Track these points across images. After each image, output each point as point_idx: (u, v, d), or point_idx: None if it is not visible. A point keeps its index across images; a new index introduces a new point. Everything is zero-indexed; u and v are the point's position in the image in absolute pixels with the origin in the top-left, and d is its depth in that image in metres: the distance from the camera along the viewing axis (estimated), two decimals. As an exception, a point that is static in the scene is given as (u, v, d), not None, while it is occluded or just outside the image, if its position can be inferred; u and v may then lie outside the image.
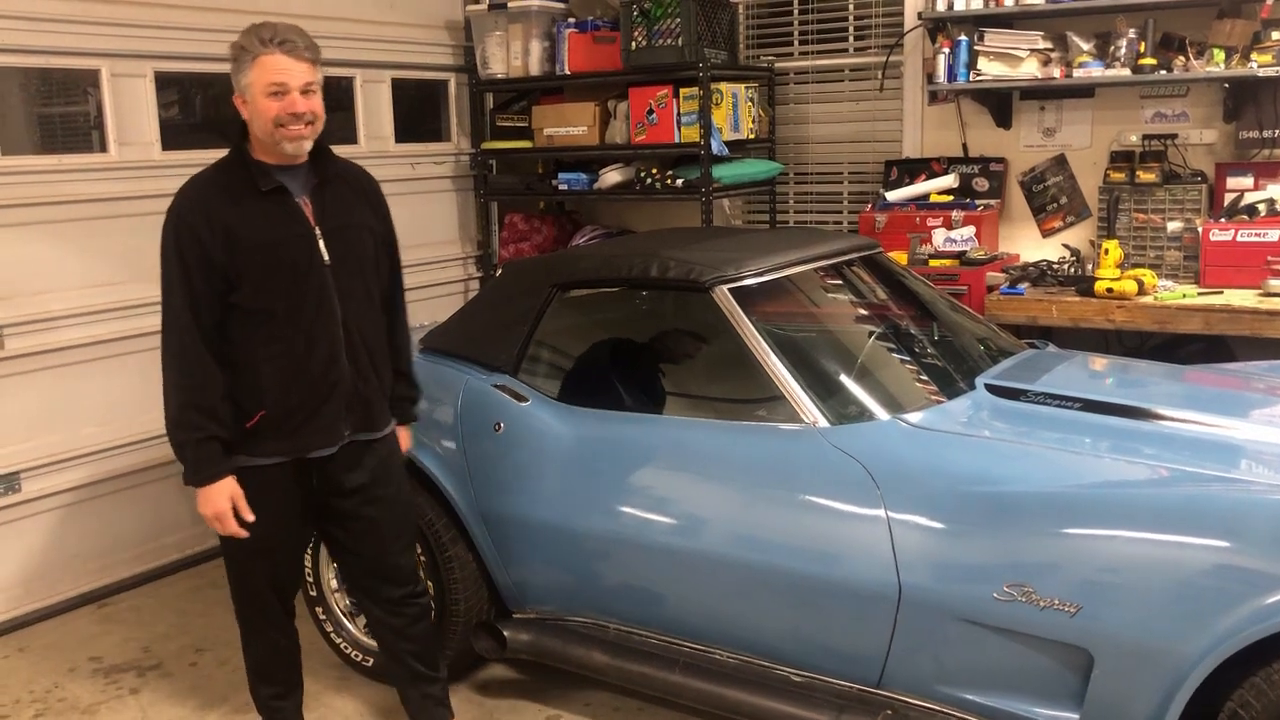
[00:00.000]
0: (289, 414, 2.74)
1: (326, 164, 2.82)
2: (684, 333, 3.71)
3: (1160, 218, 4.56)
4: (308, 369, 2.74)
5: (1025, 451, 2.78)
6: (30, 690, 3.63)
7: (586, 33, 5.36)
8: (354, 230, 2.83)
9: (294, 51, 2.65)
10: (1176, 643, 2.31)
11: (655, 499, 3.06)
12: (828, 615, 2.77)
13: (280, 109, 2.64)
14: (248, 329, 2.72)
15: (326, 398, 2.77)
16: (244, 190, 2.71)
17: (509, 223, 5.90)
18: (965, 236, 4.76)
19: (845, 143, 5.50)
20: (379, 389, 2.90)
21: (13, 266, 3.99)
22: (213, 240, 2.66)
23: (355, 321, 2.81)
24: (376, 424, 2.91)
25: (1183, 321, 4.10)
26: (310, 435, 2.78)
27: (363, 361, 2.83)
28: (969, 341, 3.58)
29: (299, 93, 2.66)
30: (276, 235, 2.71)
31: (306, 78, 2.67)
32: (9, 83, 3.99)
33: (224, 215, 2.67)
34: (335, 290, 2.76)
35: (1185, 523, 2.43)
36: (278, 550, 2.89)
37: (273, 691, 3.07)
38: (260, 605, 2.96)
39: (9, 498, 4.04)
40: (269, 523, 2.78)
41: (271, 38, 2.65)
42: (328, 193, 2.80)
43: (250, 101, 2.67)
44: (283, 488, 2.80)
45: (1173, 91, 4.65)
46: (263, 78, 2.64)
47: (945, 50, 4.74)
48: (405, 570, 3.04)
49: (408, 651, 3.09)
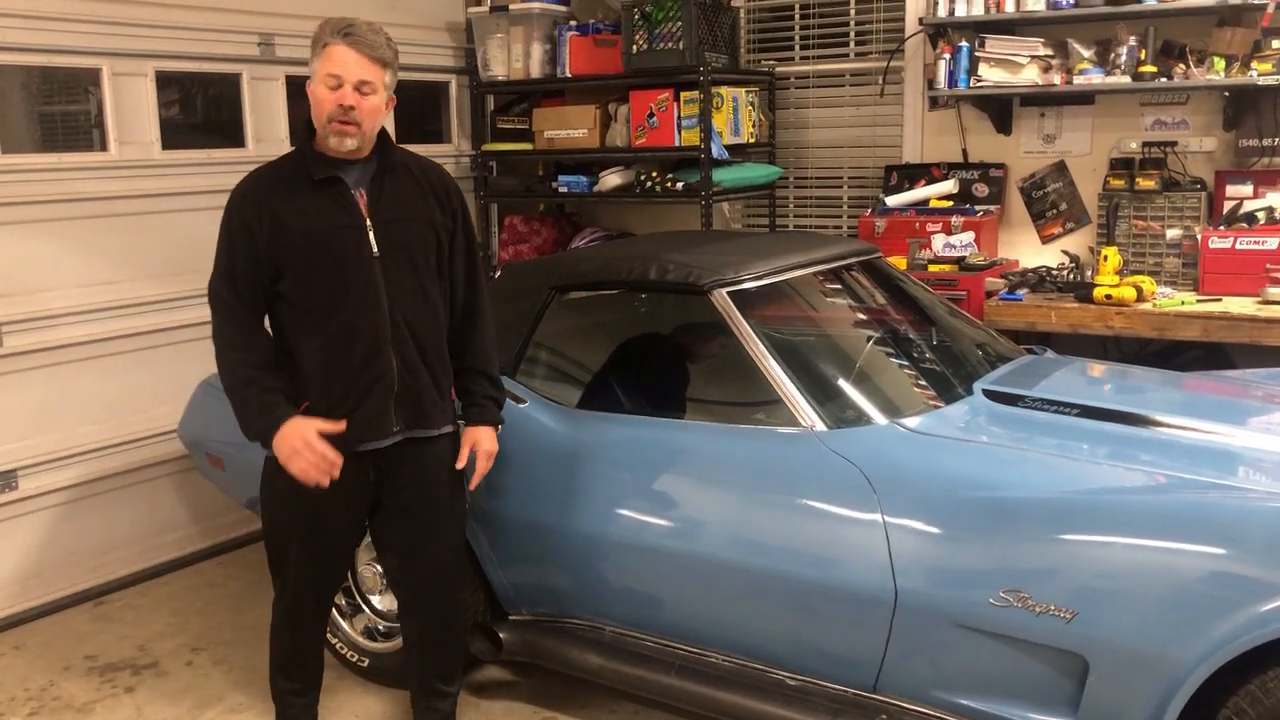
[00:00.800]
0: (333, 406, 2.73)
1: (388, 156, 2.80)
2: (682, 336, 3.71)
3: (1159, 225, 4.56)
4: (349, 362, 2.73)
5: (1022, 457, 2.78)
6: (25, 688, 3.63)
7: (588, 35, 5.36)
8: (410, 223, 2.80)
9: (358, 45, 2.64)
10: (1172, 649, 2.31)
11: (652, 501, 3.06)
12: (824, 619, 2.76)
13: (331, 100, 2.65)
14: (293, 319, 2.75)
15: (369, 390, 2.74)
16: (299, 180, 2.73)
17: (509, 224, 5.90)
18: (964, 242, 4.77)
19: (845, 147, 5.51)
20: (431, 385, 2.84)
21: (12, 264, 3.99)
22: (260, 228, 2.69)
23: (404, 315, 2.77)
24: (431, 421, 2.86)
25: (1181, 328, 4.10)
26: (357, 427, 2.75)
27: (411, 356, 2.79)
28: (967, 347, 3.58)
29: (352, 87, 2.65)
30: (323, 225, 2.71)
31: (364, 74, 2.65)
32: (10, 81, 3.99)
33: (274, 204, 2.70)
34: (383, 282, 2.74)
35: (1182, 529, 2.43)
36: (322, 544, 2.87)
37: (291, 687, 3.07)
38: (296, 601, 2.94)
39: (6, 495, 4.04)
40: (315, 514, 2.80)
41: (342, 28, 2.66)
42: (386, 184, 2.79)
43: (312, 89, 2.70)
44: (335, 481, 2.73)
45: (1173, 99, 4.66)
46: (324, 67, 2.66)
47: (946, 56, 4.74)
48: (447, 572, 3.00)
49: (425, 663, 3.08)
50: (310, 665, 3.07)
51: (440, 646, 3.08)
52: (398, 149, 2.85)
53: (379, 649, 3.51)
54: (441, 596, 3.03)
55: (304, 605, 2.95)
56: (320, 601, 2.98)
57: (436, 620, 3.04)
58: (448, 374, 2.91)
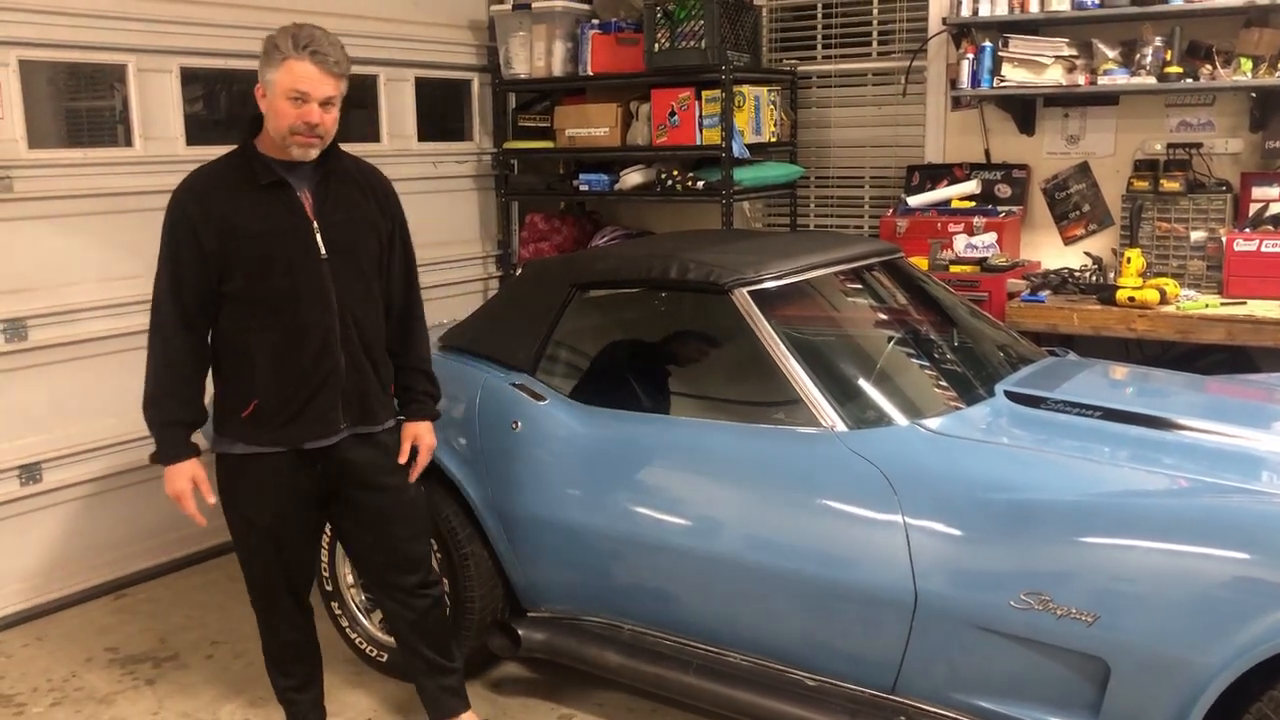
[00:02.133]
0: (283, 404, 2.77)
1: (332, 159, 2.82)
2: (702, 334, 3.71)
3: (1184, 227, 4.53)
4: (299, 360, 2.76)
5: (1044, 459, 2.77)
6: (48, 679, 3.66)
7: (610, 34, 5.36)
8: (355, 225, 2.83)
9: (323, 64, 2.66)
10: (1195, 654, 2.30)
11: (671, 500, 3.06)
12: (843, 620, 2.76)
13: (297, 117, 2.66)
14: (241, 319, 2.76)
15: (319, 389, 2.78)
16: (244, 182, 2.73)
17: (529, 222, 5.90)
18: (986, 243, 4.75)
19: (867, 147, 5.49)
20: (376, 382, 2.90)
21: (37, 258, 4.02)
22: (206, 229, 2.69)
23: (352, 314, 2.81)
24: (375, 417, 2.91)
25: (1205, 331, 4.08)
26: (305, 425, 2.79)
27: (357, 354, 2.83)
28: (989, 348, 3.57)
29: (318, 104, 2.67)
30: (271, 226, 2.73)
31: (329, 91, 2.68)
32: (37, 77, 4.02)
33: (221, 205, 2.71)
34: (332, 283, 2.77)
35: (1205, 533, 2.41)
36: (283, 539, 2.89)
37: (289, 683, 3.09)
38: (270, 598, 2.97)
39: (30, 487, 4.07)
40: (271, 510, 2.83)
41: (306, 44, 2.65)
42: (330, 187, 2.81)
43: (270, 99, 2.69)
44: (284, 476, 2.81)
45: (1198, 100, 4.62)
46: (287, 81, 2.65)
47: (969, 56, 4.72)
48: (416, 559, 3.03)
49: (422, 643, 3.09)
50: (303, 660, 3.09)
51: (425, 627, 3.08)
52: (341, 152, 2.87)
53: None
54: (412, 580, 3.03)
55: (280, 602, 2.97)
56: (295, 596, 3.00)
57: (410, 604, 3.05)
58: (389, 372, 2.96)
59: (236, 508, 2.88)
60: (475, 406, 3.35)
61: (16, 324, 3.97)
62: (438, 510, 3.33)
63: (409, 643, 3.11)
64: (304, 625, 3.05)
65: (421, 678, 3.15)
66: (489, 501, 3.28)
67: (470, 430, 3.33)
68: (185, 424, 2.79)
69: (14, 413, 4.01)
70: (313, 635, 3.10)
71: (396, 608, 3.06)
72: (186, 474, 2.80)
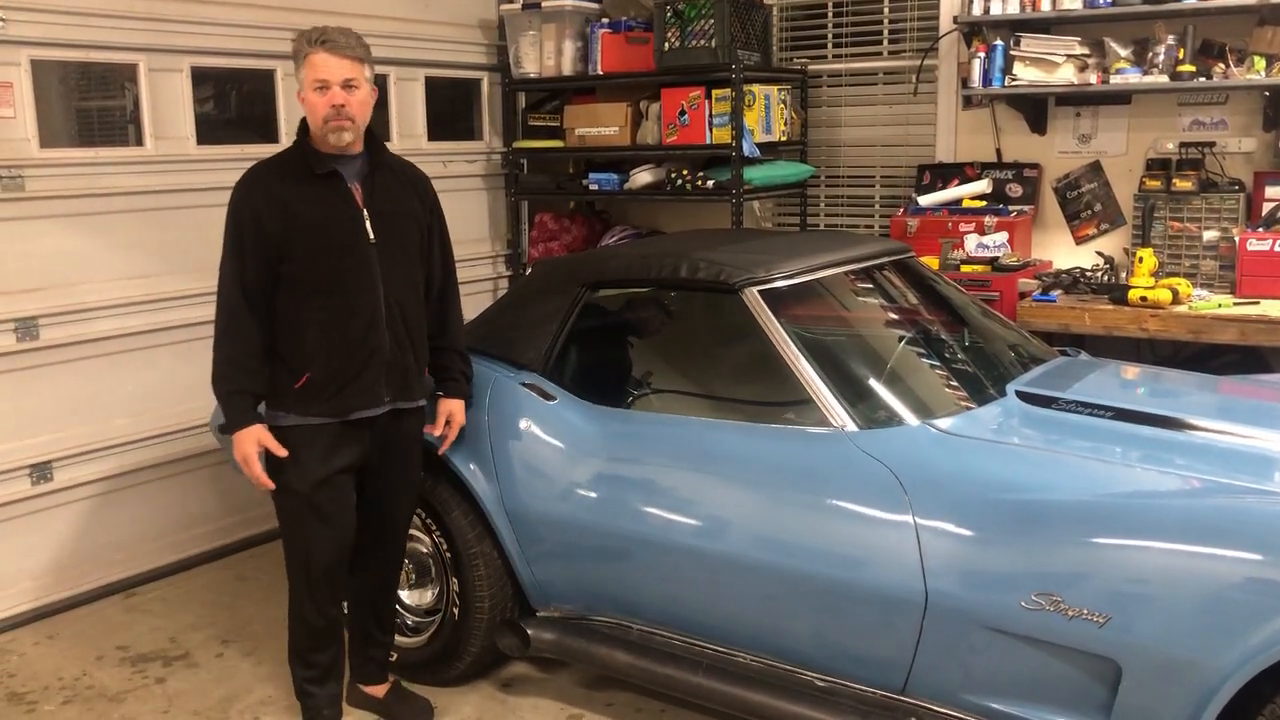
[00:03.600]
0: (332, 376, 2.96)
1: (378, 154, 3.06)
2: (713, 334, 3.70)
3: (1196, 226, 4.51)
4: (348, 337, 2.96)
5: (1056, 460, 2.76)
6: (59, 677, 3.67)
7: (620, 33, 5.36)
8: (399, 215, 3.06)
9: (335, 49, 2.88)
10: (1207, 656, 2.29)
11: (681, 500, 3.05)
12: (853, 620, 2.75)
13: (324, 103, 2.89)
14: (297, 298, 2.96)
15: (365, 364, 2.98)
16: (301, 173, 2.96)
17: (539, 222, 5.91)
18: (998, 242, 4.73)
19: (878, 146, 5.48)
20: (415, 361, 3.11)
21: (49, 258, 4.03)
22: (269, 214, 2.92)
23: (396, 296, 3.02)
24: (413, 393, 3.12)
25: (1218, 331, 4.06)
26: (353, 397, 2.99)
27: (400, 334, 3.04)
28: (1000, 348, 3.55)
29: (339, 87, 2.88)
30: (327, 214, 2.95)
31: (347, 73, 2.90)
32: (48, 76, 4.03)
33: (281, 192, 2.94)
34: (379, 268, 2.98)
35: (1217, 534, 2.40)
36: (325, 510, 3.02)
37: (309, 674, 3.17)
38: (308, 574, 3.07)
39: (41, 486, 4.08)
40: (315, 478, 2.99)
41: (317, 37, 2.90)
42: (377, 180, 3.03)
43: (303, 96, 2.94)
44: (329, 446, 3.00)
45: (1211, 99, 4.60)
46: (310, 75, 2.90)
47: (980, 55, 4.71)
48: (401, 526, 3.26)
49: (373, 614, 3.28)
50: (325, 649, 3.16)
51: (384, 597, 3.30)
52: (384, 148, 3.11)
53: (407, 644, 3.52)
54: (392, 549, 3.26)
55: (317, 580, 3.07)
56: (331, 577, 3.09)
57: (384, 572, 3.27)
58: (426, 353, 3.19)
59: (284, 477, 3.01)
60: (485, 406, 3.35)
61: (28, 323, 3.98)
62: (447, 510, 3.34)
63: (363, 608, 3.28)
64: (333, 613, 3.15)
65: (358, 642, 3.32)
66: (498, 501, 3.28)
67: (480, 429, 3.33)
68: (251, 393, 2.97)
69: (25, 412, 4.02)
70: (339, 627, 3.19)
71: (368, 574, 3.23)
72: (253, 438, 2.95)
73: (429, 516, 3.39)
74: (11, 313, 3.93)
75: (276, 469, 3.00)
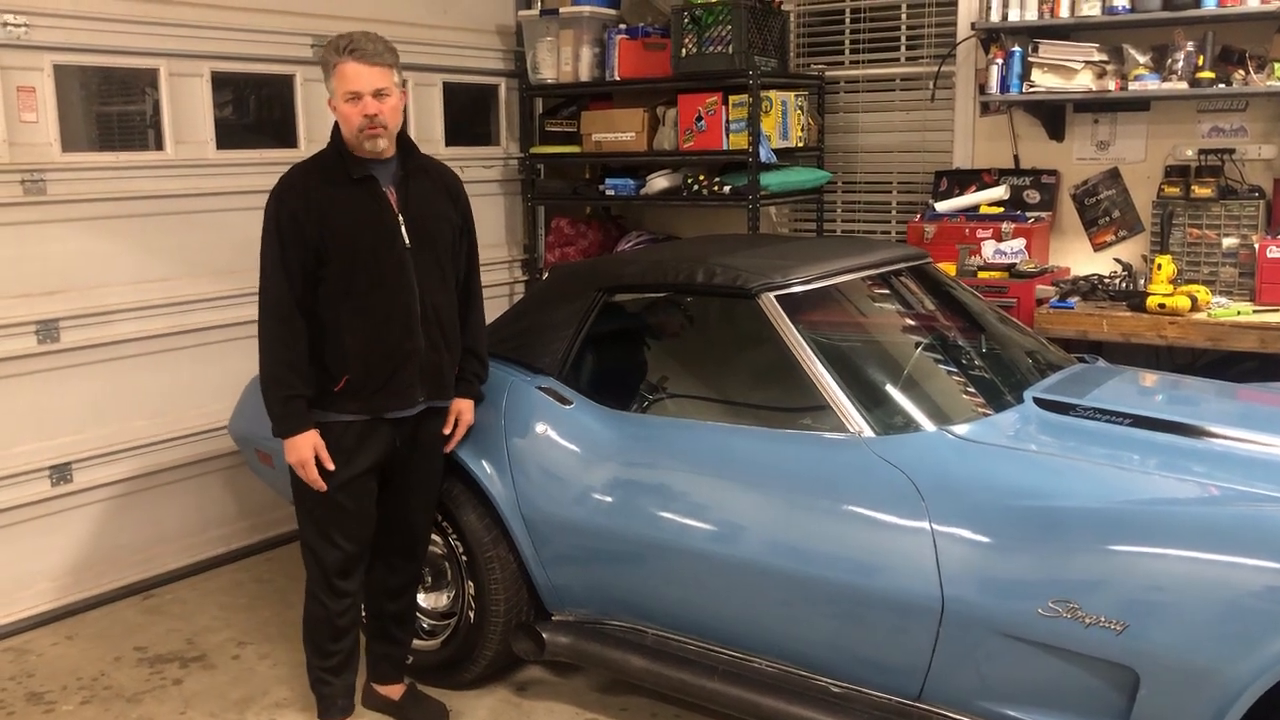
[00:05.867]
0: (370, 377, 3.01)
1: (411, 159, 3.10)
2: (729, 339, 3.70)
3: (1215, 233, 4.49)
4: (385, 338, 3.01)
5: (1073, 467, 2.75)
6: (77, 677, 3.69)
7: (637, 39, 5.37)
8: (433, 220, 3.11)
9: (364, 58, 2.91)
10: (1226, 664, 2.27)
11: (697, 505, 3.05)
12: (869, 626, 2.75)
13: (356, 113, 2.92)
14: (334, 301, 2.99)
15: (402, 365, 3.03)
16: (338, 178, 2.99)
17: (555, 227, 5.91)
18: (1015, 249, 4.72)
19: (895, 152, 5.48)
20: (449, 362, 3.18)
21: (70, 260, 4.06)
22: (308, 219, 2.95)
23: (430, 299, 3.07)
24: (446, 393, 3.19)
25: (1237, 339, 4.04)
26: (389, 397, 3.05)
27: (435, 335, 3.10)
28: (1017, 354, 3.54)
29: (371, 96, 2.91)
30: (363, 218, 2.99)
31: (378, 83, 2.93)
32: (70, 81, 4.06)
33: (319, 198, 2.97)
34: (414, 271, 3.03)
35: (1236, 542, 2.39)
36: (352, 503, 3.07)
37: (326, 664, 3.21)
38: (324, 568, 3.10)
39: (61, 488, 4.11)
40: (346, 471, 3.04)
41: (346, 46, 2.92)
42: (411, 184, 3.07)
43: (335, 105, 2.97)
44: (362, 441, 3.05)
45: (1231, 106, 4.58)
46: (341, 85, 2.93)
47: (998, 61, 4.70)
48: (421, 529, 3.29)
49: (391, 613, 3.30)
50: (341, 639, 3.19)
51: (404, 594, 3.32)
52: (418, 151, 3.15)
53: (422, 646, 3.52)
54: (413, 546, 3.28)
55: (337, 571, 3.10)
56: (350, 568, 3.13)
57: (403, 569, 3.29)
58: (459, 353, 3.24)
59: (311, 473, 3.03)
60: (501, 409, 3.36)
61: (49, 325, 4.00)
62: (463, 513, 3.34)
63: (381, 607, 3.30)
64: (351, 604, 3.18)
65: (375, 641, 3.35)
66: (514, 505, 3.28)
67: (496, 433, 3.34)
68: (304, 397, 3.00)
69: (46, 413, 4.05)
70: (356, 619, 3.23)
71: (386, 572, 3.27)
72: (309, 442, 2.99)
73: (445, 520, 3.40)
74: (33, 315, 3.96)
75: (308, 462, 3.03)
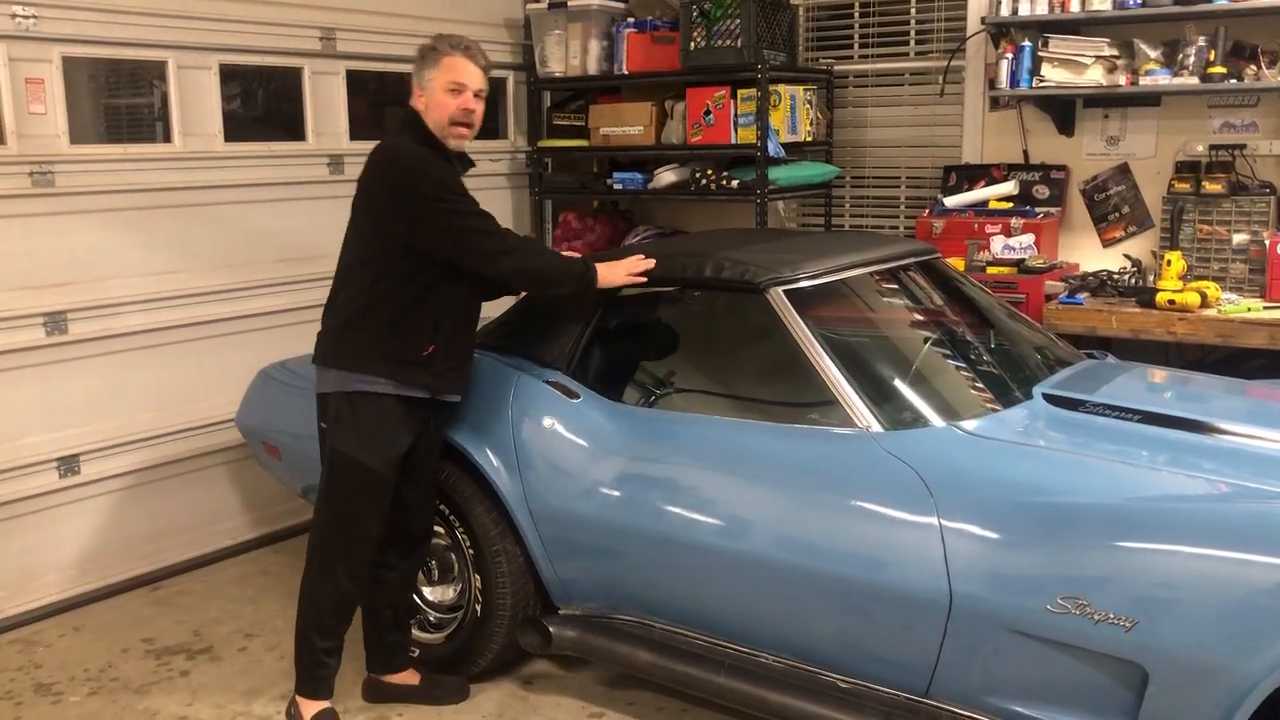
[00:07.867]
0: (450, 355, 3.15)
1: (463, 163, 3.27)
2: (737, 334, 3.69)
3: (1225, 230, 4.47)
4: (467, 329, 3.21)
5: (1082, 462, 2.74)
6: (85, 669, 3.70)
7: (645, 33, 5.36)
8: None
9: (474, 58, 3.09)
10: (1235, 662, 2.27)
11: (704, 499, 3.05)
12: (877, 622, 2.74)
13: (457, 105, 3.05)
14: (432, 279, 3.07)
15: (467, 355, 3.24)
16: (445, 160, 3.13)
17: (563, 221, 5.91)
18: (1024, 244, 4.70)
19: (904, 147, 5.46)
20: None
21: (78, 253, 4.06)
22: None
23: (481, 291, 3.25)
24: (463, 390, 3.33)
25: (1247, 336, 4.02)
26: (454, 381, 3.20)
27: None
28: (1026, 350, 3.53)
29: (472, 94, 3.08)
30: None
31: (480, 84, 3.11)
32: (78, 73, 4.07)
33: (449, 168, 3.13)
34: None
35: (1246, 539, 2.38)
36: (385, 483, 3.12)
37: (327, 645, 3.21)
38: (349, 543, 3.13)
39: (69, 479, 4.12)
40: (388, 452, 3.10)
41: (460, 43, 3.09)
42: None
43: (429, 94, 3.07)
44: (406, 422, 3.12)
45: (1242, 101, 4.56)
46: (445, 75, 3.05)
47: (1008, 56, 4.68)
48: (427, 514, 3.35)
49: (390, 602, 3.34)
50: (348, 619, 3.23)
51: (407, 584, 3.38)
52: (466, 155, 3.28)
53: (429, 639, 3.53)
54: (421, 531, 3.34)
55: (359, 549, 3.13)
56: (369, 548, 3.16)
57: (411, 555, 3.34)
58: None
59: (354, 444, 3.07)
60: (509, 404, 3.36)
61: (57, 317, 4.01)
62: (470, 507, 3.35)
63: (385, 596, 3.33)
64: (363, 587, 3.23)
65: (390, 632, 3.38)
66: (521, 499, 3.28)
67: (503, 427, 3.33)
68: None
69: (53, 405, 4.06)
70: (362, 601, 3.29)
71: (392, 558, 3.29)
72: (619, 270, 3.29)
73: (452, 513, 3.40)
74: (40, 307, 3.97)
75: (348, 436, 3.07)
